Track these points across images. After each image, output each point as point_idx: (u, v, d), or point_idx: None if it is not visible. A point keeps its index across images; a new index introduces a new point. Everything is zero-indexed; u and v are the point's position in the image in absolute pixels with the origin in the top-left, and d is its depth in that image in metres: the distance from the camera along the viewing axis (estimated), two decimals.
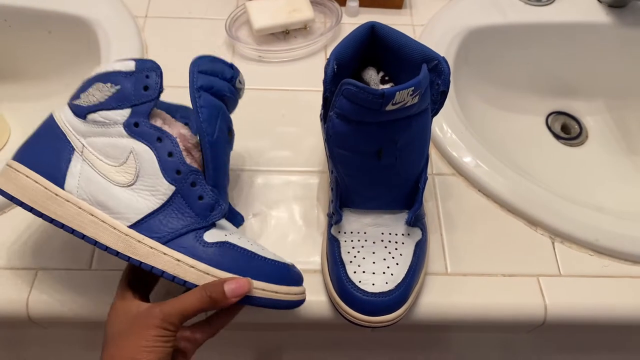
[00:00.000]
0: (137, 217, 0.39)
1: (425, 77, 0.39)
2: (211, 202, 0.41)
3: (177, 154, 0.41)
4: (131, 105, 0.41)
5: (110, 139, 0.41)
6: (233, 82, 0.47)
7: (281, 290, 0.41)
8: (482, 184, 0.54)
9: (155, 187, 0.40)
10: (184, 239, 0.39)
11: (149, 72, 0.42)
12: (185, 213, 0.40)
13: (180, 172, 0.41)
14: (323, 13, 0.70)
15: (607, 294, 0.49)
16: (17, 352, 0.62)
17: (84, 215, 0.39)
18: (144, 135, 0.41)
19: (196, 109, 0.42)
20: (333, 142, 0.42)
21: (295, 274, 0.43)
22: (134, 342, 0.36)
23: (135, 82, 0.41)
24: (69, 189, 0.40)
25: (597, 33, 0.69)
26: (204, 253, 0.39)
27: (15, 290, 0.46)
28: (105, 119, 0.41)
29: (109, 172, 0.40)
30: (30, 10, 0.65)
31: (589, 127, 0.74)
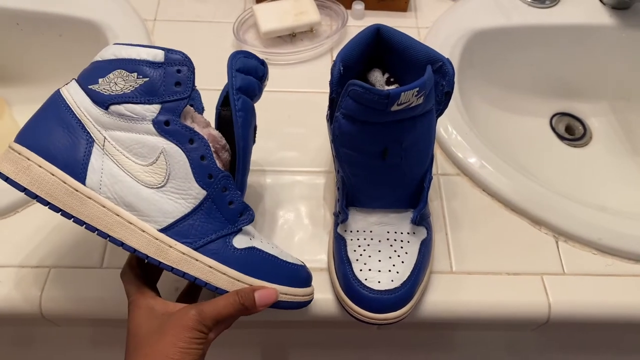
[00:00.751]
0: (167, 221, 0.38)
1: (430, 78, 0.40)
2: (240, 207, 0.41)
3: (209, 158, 0.40)
4: (161, 102, 0.38)
5: (137, 135, 0.38)
6: (263, 80, 0.46)
7: (298, 293, 0.42)
8: (487, 184, 0.55)
9: (187, 190, 0.39)
10: (214, 245, 0.39)
11: (180, 67, 0.39)
12: (215, 218, 0.40)
13: (212, 176, 0.40)
14: (329, 16, 0.70)
15: (610, 292, 0.49)
16: (30, 349, 0.63)
17: (110, 215, 0.37)
18: (176, 135, 0.39)
19: (235, 112, 0.41)
20: (339, 142, 0.43)
21: (307, 274, 0.45)
22: (170, 342, 0.36)
23: (165, 76, 0.39)
24: (91, 185, 0.37)
25: (601, 35, 0.69)
26: (234, 259, 0.40)
27: (28, 288, 0.47)
28: (132, 114, 0.38)
29: (137, 172, 0.38)
30: (42, 14, 0.66)
31: (593, 128, 0.74)
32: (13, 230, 0.51)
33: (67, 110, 0.38)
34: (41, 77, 0.72)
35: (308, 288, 0.43)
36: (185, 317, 0.37)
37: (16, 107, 0.72)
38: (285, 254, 0.44)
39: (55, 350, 0.63)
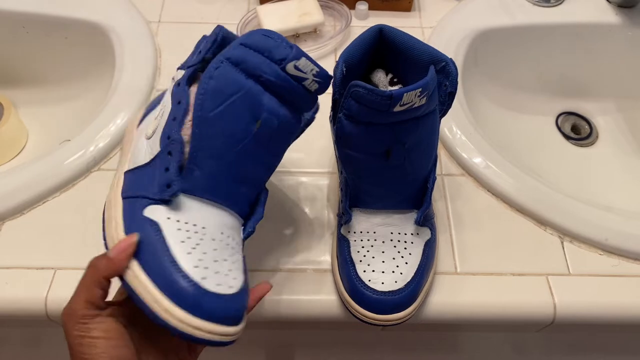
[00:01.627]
0: (134, 164, 0.40)
1: (433, 79, 0.39)
2: (171, 178, 0.37)
3: (179, 120, 0.38)
4: (188, 67, 0.41)
5: (168, 94, 0.41)
6: (283, 65, 0.37)
7: (180, 317, 0.32)
8: (491, 184, 0.55)
9: (154, 145, 0.39)
10: (134, 201, 0.37)
11: (206, 37, 0.41)
12: (153, 179, 0.38)
13: (170, 137, 0.38)
14: (332, 16, 0.70)
15: (616, 293, 0.49)
16: (37, 350, 0.63)
17: (126, 153, 0.43)
18: (175, 94, 0.39)
19: (203, 78, 0.38)
20: (342, 143, 0.43)
21: (213, 306, 0.33)
22: (72, 355, 0.34)
23: (198, 46, 0.42)
24: (139, 129, 0.44)
25: (607, 33, 0.69)
26: (132, 223, 0.36)
27: (34, 289, 0.48)
28: (176, 77, 0.41)
29: (150, 123, 0.42)
30: (48, 17, 0.67)
31: (599, 127, 0.74)
32: (19, 232, 0.51)
33: None
34: (47, 80, 0.73)
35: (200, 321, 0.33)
36: (64, 325, 0.35)
37: (22, 109, 0.72)
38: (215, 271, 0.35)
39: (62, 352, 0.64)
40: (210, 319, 0.33)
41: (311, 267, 0.50)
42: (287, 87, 0.38)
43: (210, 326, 0.33)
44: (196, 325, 0.32)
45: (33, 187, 0.52)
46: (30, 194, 0.52)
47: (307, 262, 0.50)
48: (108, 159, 0.56)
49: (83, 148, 0.55)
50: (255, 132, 0.38)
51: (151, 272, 0.34)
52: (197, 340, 0.33)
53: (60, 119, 0.71)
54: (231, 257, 0.37)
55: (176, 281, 0.33)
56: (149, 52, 0.64)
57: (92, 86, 0.69)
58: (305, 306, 0.48)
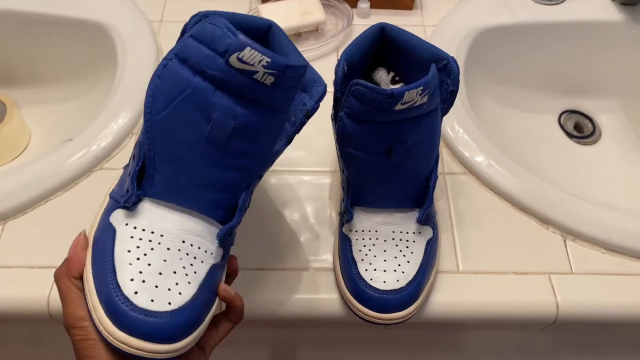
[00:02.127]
0: None
1: (434, 77, 0.39)
2: (127, 183, 0.36)
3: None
4: None
5: None
6: (226, 57, 0.32)
7: (106, 327, 0.32)
8: (494, 183, 0.54)
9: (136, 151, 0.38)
10: (111, 203, 0.38)
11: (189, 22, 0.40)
12: (124, 181, 0.38)
13: (139, 141, 0.37)
14: (334, 15, 0.70)
15: (619, 291, 0.49)
16: (40, 349, 0.63)
17: None
18: None
19: (152, 78, 0.36)
20: (343, 142, 0.43)
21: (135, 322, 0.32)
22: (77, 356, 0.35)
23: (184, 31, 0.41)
24: None
25: (610, 31, 0.69)
26: (101, 224, 0.37)
27: (36, 288, 0.48)
28: None
29: None
30: (50, 17, 0.67)
31: (602, 125, 0.73)
32: (21, 231, 0.51)
33: None
34: (49, 79, 0.73)
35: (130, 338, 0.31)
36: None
37: (25, 108, 0.72)
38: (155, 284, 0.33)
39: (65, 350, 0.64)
40: (136, 335, 0.32)
41: (313, 265, 0.50)
42: (237, 82, 0.33)
43: (137, 342, 0.31)
44: (122, 340, 0.31)
45: (35, 186, 0.53)
46: (33, 193, 0.52)
47: (309, 261, 0.50)
48: (110, 158, 0.56)
49: (85, 147, 0.55)
50: (207, 134, 0.35)
51: (96, 280, 0.34)
52: (127, 355, 0.32)
53: (63, 119, 0.71)
54: (185, 269, 0.35)
55: (110, 294, 0.32)
56: (151, 51, 0.64)
57: (94, 85, 0.69)
58: (307, 305, 0.48)
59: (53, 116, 0.72)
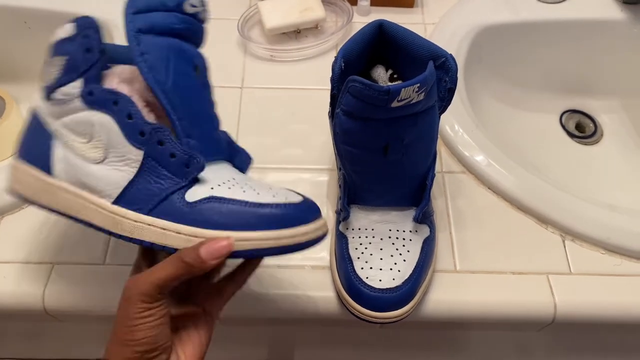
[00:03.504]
0: (117, 191, 0.37)
1: (432, 74, 0.39)
2: (185, 157, 0.37)
3: (136, 114, 0.37)
4: (80, 74, 0.37)
5: (74, 115, 0.38)
6: (181, 7, 0.39)
7: (284, 235, 0.35)
8: (492, 182, 0.54)
9: (126, 155, 0.37)
10: (166, 204, 0.36)
11: (87, 31, 0.38)
12: (161, 175, 0.37)
13: (144, 132, 0.37)
14: (334, 12, 0.70)
15: (618, 292, 0.48)
16: (37, 344, 0.63)
17: (74, 199, 0.38)
18: (99, 102, 0.37)
19: (137, 58, 0.37)
20: (340, 139, 0.43)
21: (302, 210, 0.37)
22: (120, 322, 0.34)
23: (78, 47, 0.37)
24: (58, 174, 0.38)
25: (612, 30, 0.68)
26: (187, 215, 0.36)
27: (32, 284, 0.48)
28: (65, 96, 0.38)
29: (83, 151, 0.38)
30: (50, 12, 0.67)
31: (604, 125, 0.73)
32: (17, 227, 0.51)
33: (36, 115, 0.40)
34: None
35: (303, 227, 0.36)
36: (126, 293, 0.34)
37: (24, 104, 0.72)
38: (273, 193, 0.38)
39: (61, 346, 0.64)
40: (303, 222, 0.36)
41: (309, 263, 0.49)
42: (192, 27, 0.40)
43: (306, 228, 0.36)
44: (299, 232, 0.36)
45: None
46: None
47: (305, 259, 0.50)
48: None
49: None
50: (198, 78, 0.40)
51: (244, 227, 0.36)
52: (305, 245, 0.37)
53: None
54: (263, 182, 0.40)
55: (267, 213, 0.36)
56: None
57: None
58: (302, 303, 0.48)
59: None
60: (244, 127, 0.59)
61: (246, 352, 0.64)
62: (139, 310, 0.33)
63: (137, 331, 0.33)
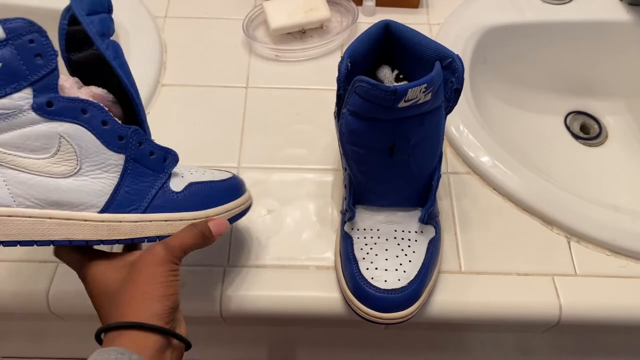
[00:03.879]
0: (103, 199, 0.36)
1: (438, 75, 0.39)
2: (162, 153, 0.40)
3: (110, 120, 0.36)
4: (30, 83, 0.33)
5: (23, 130, 0.33)
6: (111, 11, 0.39)
7: (241, 203, 0.44)
8: (498, 183, 0.54)
9: (105, 162, 0.36)
10: (158, 199, 0.39)
11: (29, 35, 0.32)
12: (145, 174, 0.38)
13: (123, 137, 0.37)
14: (339, 12, 0.70)
15: (624, 294, 0.48)
16: (38, 344, 0.63)
17: (40, 221, 0.35)
18: (65, 112, 0.34)
19: (113, 62, 0.36)
20: (346, 139, 0.43)
21: (240, 181, 0.46)
22: (147, 281, 0.36)
23: (19, 52, 0.32)
24: (2, 202, 0.33)
25: (617, 31, 0.68)
26: (182, 202, 0.40)
27: (36, 283, 0.48)
28: (5, 109, 0.32)
29: (44, 167, 0.34)
30: (52, 12, 0.66)
31: (608, 127, 0.73)
32: None
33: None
34: None
35: (246, 194, 0.45)
36: (154, 255, 0.37)
37: None
38: (212, 171, 0.44)
39: (65, 345, 0.64)
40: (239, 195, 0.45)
41: (314, 264, 0.49)
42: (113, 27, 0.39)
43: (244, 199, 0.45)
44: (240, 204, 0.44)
45: None
46: None
47: (310, 259, 0.50)
48: None
49: None
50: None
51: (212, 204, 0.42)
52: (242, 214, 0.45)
53: None
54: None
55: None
56: (155, 47, 0.64)
57: None
58: (307, 303, 0.48)
59: None
60: (249, 127, 0.59)
61: (249, 352, 0.64)
62: (171, 269, 0.37)
63: (169, 287, 0.36)
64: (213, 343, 0.58)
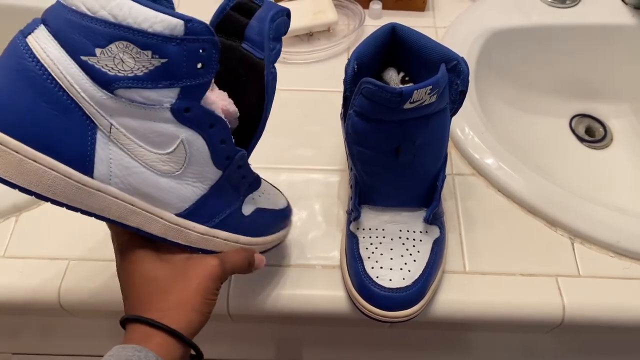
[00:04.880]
0: (185, 205, 0.36)
1: (444, 76, 0.40)
2: (252, 179, 0.41)
3: (228, 140, 0.36)
4: (181, 87, 0.32)
5: (153, 123, 0.32)
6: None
7: (283, 235, 0.48)
8: (502, 184, 0.54)
9: (204, 174, 0.36)
10: (228, 219, 0.40)
11: (203, 44, 0.31)
12: (228, 194, 0.39)
13: (231, 157, 0.37)
14: (346, 15, 0.71)
15: (627, 295, 0.48)
16: (49, 340, 0.64)
17: (123, 205, 0.34)
18: (196, 122, 0.34)
19: (269, 68, 0.37)
20: (352, 140, 0.43)
21: (291, 212, 0.50)
22: (195, 291, 0.36)
23: (186, 56, 0.31)
24: (100, 177, 0.32)
25: (623, 35, 0.68)
26: (245, 227, 0.41)
27: (48, 280, 0.49)
28: (147, 100, 0.31)
29: (153, 161, 0.34)
30: None
31: (613, 129, 0.73)
32: (34, 223, 0.52)
33: (51, 83, 0.29)
34: None
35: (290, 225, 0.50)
36: (209, 267, 0.37)
37: None
38: (273, 191, 0.47)
39: (75, 342, 0.65)
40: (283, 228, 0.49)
41: (320, 263, 0.50)
42: None
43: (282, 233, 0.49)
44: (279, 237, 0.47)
45: None
46: None
47: (316, 258, 0.50)
48: None
49: None
50: None
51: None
52: None
53: None
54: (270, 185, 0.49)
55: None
56: None
57: None
58: (313, 302, 0.48)
59: None
60: None
61: (255, 351, 0.65)
62: (218, 287, 0.37)
63: (211, 304, 0.37)
64: (220, 340, 0.59)
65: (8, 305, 0.49)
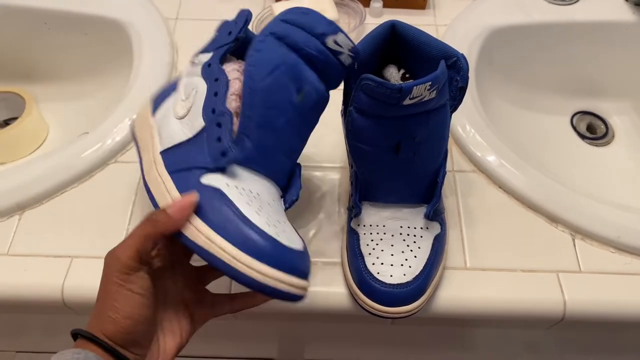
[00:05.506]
0: (169, 144, 0.41)
1: (443, 73, 0.40)
2: (226, 146, 0.38)
3: (221, 94, 0.40)
4: (215, 49, 0.43)
5: (192, 78, 0.43)
6: (323, 39, 0.40)
7: (263, 271, 0.33)
8: (503, 181, 0.55)
9: (193, 121, 0.40)
10: (185, 174, 0.38)
11: (238, 19, 0.44)
12: (200, 151, 0.39)
13: (215, 111, 0.40)
14: (347, 14, 0.71)
15: (628, 291, 0.49)
16: (53, 339, 0.65)
17: (149, 139, 0.43)
18: (209, 74, 0.42)
19: (250, 51, 0.40)
20: (352, 136, 0.44)
21: (292, 260, 0.35)
22: (103, 298, 0.34)
23: (225, 28, 0.44)
24: (156, 117, 0.44)
25: (623, 32, 0.68)
26: (187, 188, 0.37)
27: (51, 277, 0.49)
28: (198, 61, 0.44)
29: (177, 106, 0.43)
30: (69, 13, 0.69)
31: (615, 127, 0.73)
32: (38, 221, 0.53)
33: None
34: (67, 75, 0.75)
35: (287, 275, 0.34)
36: (105, 265, 0.35)
37: (43, 104, 0.74)
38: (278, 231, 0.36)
39: None
40: (291, 272, 0.34)
41: (321, 259, 0.50)
42: (326, 61, 0.41)
43: (292, 279, 0.34)
44: (279, 278, 0.34)
45: (52, 178, 0.54)
46: (49, 184, 0.54)
47: (317, 255, 0.50)
48: (125, 151, 0.57)
49: (100, 141, 0.57)
50: (298, 103, 0.41)
51: (222, 231, 0.34)
52: (279, 294, 0.34)
53: (80, 114, 0.73)
54: (287, 221, 0.40)
55: (253, 238, 0.34)
56: (166, 48, 0.65)
57: (110, 81, 0.71)
58: (314, 298, 0.48)
59: (70, 112, 0.74)
60: None
61: (257, 348, 0.65)
62: (121, 279, 0.34)
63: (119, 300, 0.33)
64: (223, 338, 0.59)
65: (11, 303, 0.50)
